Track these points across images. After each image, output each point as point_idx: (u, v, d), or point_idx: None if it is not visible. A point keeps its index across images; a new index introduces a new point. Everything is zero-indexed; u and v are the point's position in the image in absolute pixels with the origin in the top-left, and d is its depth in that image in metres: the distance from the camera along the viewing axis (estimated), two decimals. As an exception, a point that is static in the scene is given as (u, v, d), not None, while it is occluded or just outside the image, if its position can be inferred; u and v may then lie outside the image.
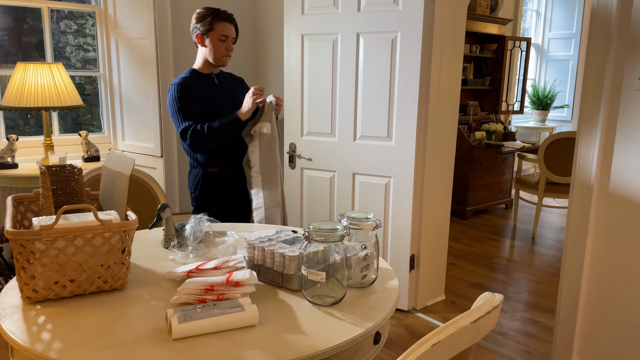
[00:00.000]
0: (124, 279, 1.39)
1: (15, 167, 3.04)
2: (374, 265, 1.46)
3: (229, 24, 2.24)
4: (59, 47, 3.54)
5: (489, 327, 1.03)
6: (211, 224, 1.77)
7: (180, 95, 2.22)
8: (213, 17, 2.20)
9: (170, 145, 3.47)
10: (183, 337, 1.14)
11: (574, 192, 2.28)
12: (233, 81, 2.46)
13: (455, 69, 2.99)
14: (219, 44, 2.24)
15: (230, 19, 2.25)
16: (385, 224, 3.02)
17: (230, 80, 2.44)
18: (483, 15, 5.52)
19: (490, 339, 2.78)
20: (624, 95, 2.10)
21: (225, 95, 2.35)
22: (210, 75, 2.35)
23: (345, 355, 1.23)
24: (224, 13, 2.24)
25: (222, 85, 2.37)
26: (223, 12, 2.23)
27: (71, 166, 1.63)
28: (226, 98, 2.35)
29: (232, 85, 2.43)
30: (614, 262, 2.20)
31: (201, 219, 1.72)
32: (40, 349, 1.08)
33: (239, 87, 2.47)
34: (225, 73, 2.46)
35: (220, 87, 2.36)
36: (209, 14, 2.20)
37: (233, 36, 2.27)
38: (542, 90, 6.95)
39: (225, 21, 2.22)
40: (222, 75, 2.41)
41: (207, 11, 2.21)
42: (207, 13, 2.21)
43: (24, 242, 1.25)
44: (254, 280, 1.32)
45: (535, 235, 4.61)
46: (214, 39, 2.23)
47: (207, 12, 2.21)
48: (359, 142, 3.04)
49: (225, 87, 2.38)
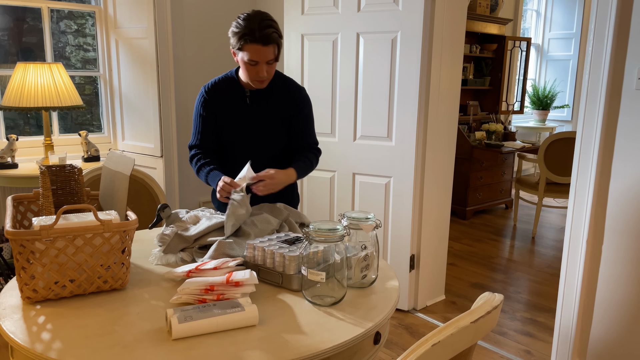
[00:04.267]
0: (124, 279, 1.39)
1: (15, 167, 3.04)
2: (374, 265, 1.46)
3: (262, 47, 1.77)
4: (59, 47, 3.54)
5: (489, 327, 1.03)
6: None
7: (199, 106, 2.02)
8: (243, 38, 1.78)
9: (170, 145, 3.47)
10: (183, 337, 1.14)
11: (574, 192, 2.28)
12: (280, 97, 2.00)
13: (455, 69, 2.99)
14: (249, 68, 1.83)
15: (265, 40, 1.76)
16: (385, 224, 3.02)
17: (272, 97, 2.00)
18: (483, 15, 5.52)
19: (490, 339, 2.78)
20: (624, 95, 2.10)
21: (253, 117, 1.99)
22: (245, 92, 1.98)
23: (345, 355, 1.23)
24: (260, 33, 1.75)
25: (254, 104, 1.99)
26: (259, 31, 1.75)
27: (71, 166, 1.63)
28: (252, 120, 1.99)
29: (271, 105, 1.99)
30: (614, 262, 2.20)
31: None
32: (40, 349, 1.08)
33: (284, 104, 2.00)
34: (275, 86, 1.99)
35: (251, 105, 1.99)
36: (240, 32, 1.78)
37: (268, 59, 1.81)
38: (542, 90, 6.94)
39: (257, 43, 1.76)
40: (260, 94, 1.98)
41: (240, 28, 1.78)
42: (239, 31, 1.78)
43: (24, 242, 1.25)
44: (254, 280, 1.32)
45: (535, 235, 4.61)
46: (243, 61, 1.83)
47: (240, 29, 1.78)
48: (359, 142, 3.04)
49: (258, 107, 1.99)
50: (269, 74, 1.87)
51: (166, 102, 3.39)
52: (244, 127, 1.99)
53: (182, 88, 3.72)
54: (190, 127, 3.81)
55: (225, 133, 2.01)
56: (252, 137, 2.00)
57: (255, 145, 2.01)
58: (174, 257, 1.60)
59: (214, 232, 1.66)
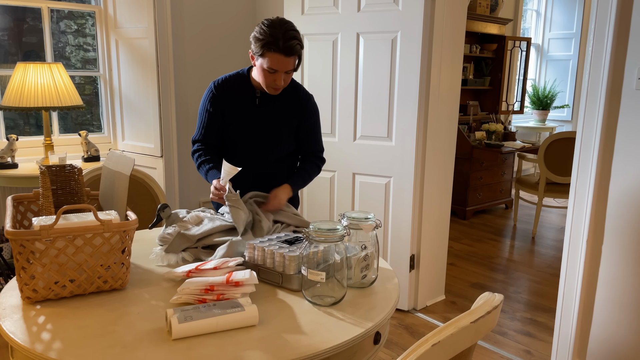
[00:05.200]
0: (124, 279, 1.39)
1: (15, 167, 3.04)
2: (374, 265, 1.46)
3: (284, 57, 1.77)
4: (59, 47, 3.54)
5: (489, 327, 1.03)
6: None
7: (207, 102, 2.00)
8: (266, 46, 1.76)
9: (170, 145, 3.47)
10: (183, 337, 1.14)
11: (574, 192, 2.28)
12: (289, 102, 2.00)
13: (455, 69, 2.99)
14: (266, 75, 1.83)
15: (288, 51, 1.76)
16: (385, 224, 3.02)
17: (281, 102, 1.99)
18: (483, 15, 5.52)
19: (490, 339, 2.78)
20: (624, 95, 2.10)
21: (260, 118, 1.98)
22: (255, 93, 1.97)
23: (345, 355, 1.23)
24: (285, 43, 1.74)
25: (262, 106, 1.98)
26: (283, 42, 1.74)
27: (71, 166, 1.63)
28: (259, 122, 1.98)
29: (279, 109, 1.99)
30: (614, 262, 2.20)
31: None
32: (40, 349, 1.08)
33: (292, 110, 2.00)
34: (285, 91, 2.00)
35: (260, 107, 1.98)
36: (263, 39, 1.76)
37: (287, 69, 1.81)
38: (542, 90, 6.95)
39: (279, 53, 1.75)
40: (270, 96, 1.98)
41: (264, 35, 1.76)
42: (262, 37, 1.76)
43: (24, 242, 1.25)
44: (254, 280, 1.32)
45: (535, 235, 4.61)
46: (262, 67, 1.82)
47: (264, 36, 1.76)
48: (359, 142, 3.04)
49: (267, 109, 1.98)
50: (286, 83, 1.87)
51: (166, 102, 3.39)
52: (250, 128, 1.98)
53: (182, 88, 3.72)
54: (191, 126, 3.81)
55: (230, 132, 2.00)
56: (256, 139, 2.00)
57: (258, 147, 2.00)
58: (175, 257, 1.60)
59: (218, 234, 1.66)
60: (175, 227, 1.65)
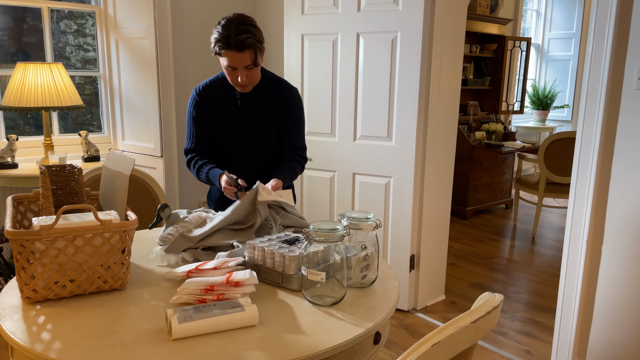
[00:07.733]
0: (124, 279, 1.39)
1: (15, 167, 3.04)
2: (374, 265, 1.46)
3: (236, 53, 1.77)
4: (59, 47, 3.54)
5: (489, 327, 1.03)
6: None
7: (192, 109, 2.00)
8: (218, 44, 1.79)
9: (170, 145, 3.47)
10: (183, 337, 1.14)
11: (574, 192, 2.28)
12: (271, 98, 2.00)
13: (455, 69, 2.99)
14: (228, 73, 1.85)
15: (239, 47, 1.76)
16: (385, 224, 3.02)
17: (262, 98, 1.99)
18: (483, 15, 5.52)
19: (490, 339, 2.78)
20: (624, 95, 2.10)
21: (244, 118, 1.98)
22: (236, 93, 1.98)
23: (345, 355, 1.23)
24: (235, 39, 1.75)
25: (244, 106, 1.98)
26: (233, 38, 1.75)
27: (71, 166, 1.63)
28: (244, 122, 1.99)
29: (261, 105, 1.99)
30: (614, 262, 2.20)
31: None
32: (40, 349, 1.08)
33: (274, 104, 2.00)
34: (266, 87, 1.99)
35: (242, 107, 1.98)
36: (217, 38, 1.79)
37: (244, 65, 1.81)
38: (542, 90, 6.95)
39: (231, 50, 1.77)
40: (251, 95, 1.98)
41: (218, 34, 1.79)
42: (216, 36, 1.79)
43: (24, 242, 1.25)
44: (254, 280, 1.32)
45: (535, 235, 4.61)
46: (223, 66, 1.85)
47: (217, 35, 1.79)
48: (359, 142, 3.04)
49: (249, 108, 1.99)
50: (250, 79, 1.87)
51: (166, 102, 3.39)
52: (236, 129, 1.99)
53: (182, 88, 3.72)
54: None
55: (219, 135, 2.01)
56: (245, 138, 2.01)
57: (248, 146, 2.01)
58: (175, 257, 1.60)
59: (219, 234, 1.66)
60: (177, 228, 1.65)
